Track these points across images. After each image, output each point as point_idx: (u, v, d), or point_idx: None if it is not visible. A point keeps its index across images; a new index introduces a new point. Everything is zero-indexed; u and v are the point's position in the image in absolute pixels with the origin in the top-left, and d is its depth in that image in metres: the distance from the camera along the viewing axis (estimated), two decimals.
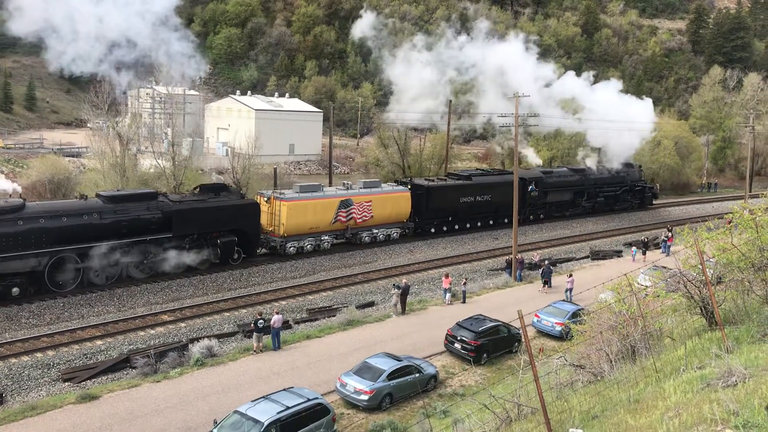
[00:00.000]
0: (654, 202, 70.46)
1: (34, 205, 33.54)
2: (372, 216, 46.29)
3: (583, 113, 63.10)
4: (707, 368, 10.17)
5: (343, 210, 44.47)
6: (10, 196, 35.42)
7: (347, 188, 46.58)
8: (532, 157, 68.90)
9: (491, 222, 54.68)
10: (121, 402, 22.04)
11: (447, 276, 35.71)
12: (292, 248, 42.45)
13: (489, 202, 53.41)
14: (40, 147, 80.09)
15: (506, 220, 53.27)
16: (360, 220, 45.75)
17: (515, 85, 50.97)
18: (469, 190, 52.24)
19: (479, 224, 53.99)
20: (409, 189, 49.37)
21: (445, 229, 51.59)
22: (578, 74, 71.98)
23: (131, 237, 35.04)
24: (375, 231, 47.05)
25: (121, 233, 34.73)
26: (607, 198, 63.89)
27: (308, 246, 43.21)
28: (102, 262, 34.13)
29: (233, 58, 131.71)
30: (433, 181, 52.43)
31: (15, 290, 31.62)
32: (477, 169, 61.96)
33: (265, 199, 42.57)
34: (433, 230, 50.89)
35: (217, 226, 38.47)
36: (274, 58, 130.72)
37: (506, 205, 49.00)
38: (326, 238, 44.27)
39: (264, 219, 42.08)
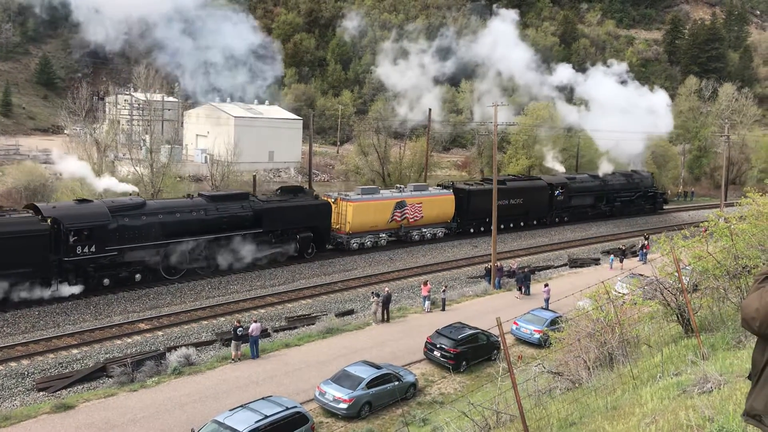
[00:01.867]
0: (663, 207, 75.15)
1: (152, 203, 38.33)
2: (422, 216, 50.94)
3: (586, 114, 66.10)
4: (683, 375, 10.26)
5: (398, 210, 49.14)
6: (130, 195, 40.04)
7: (400, 191, 51.30)
8: (550, 164, 71.89)
9: (522, 223, 59.35)
10: (97, 411, 21.79)
11: (426, 284, 35.76)
12: (355, 244, 46.85)
13: (521, 205, 58.18)
14: (15, 153, 79.06)
15: (535, 222, 60.24)
16: (412, 220, 50.34)
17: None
18: (504, 194, 55.23)
19: (512, 225, 58.25)
20: (452, 192, 53.80)
21: (482, 229, 55.18)
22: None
23: (229, 231, 39.41)
24: (424, 230, 51.83)
25: (221, 228, 39.09)
26: (623, 202, 68.75)
27: (368, 242, 47.77)
28: (206, 254, 38.65)
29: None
30: (472, 185, 56.67)
31: (138, 276, 36.11)
32: (509, 175, 65.80)
33: (332, 200, 46.79)
34: (472, 230, 55.18)
35: (297, 223, 43.15)
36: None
37: (536, 207, 59.05)
38: (383, 235, 49.10)
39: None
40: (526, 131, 73.42)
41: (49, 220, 33.19)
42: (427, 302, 34.87)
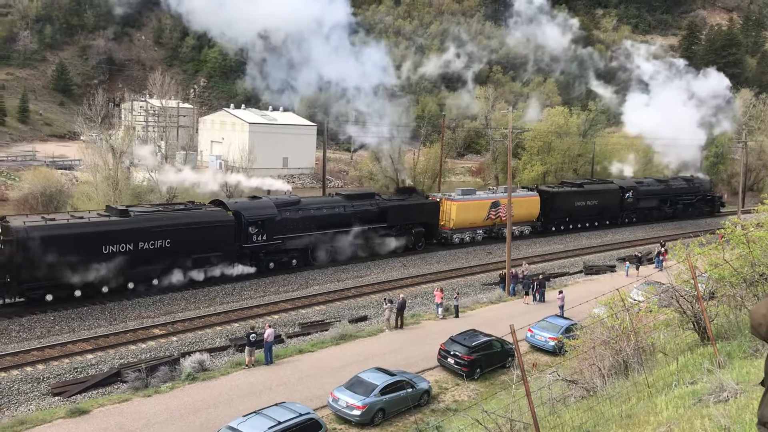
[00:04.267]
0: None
1: (305, 200, 44.62)
2: (513, 215, 51.78)
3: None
4: (699, 383, 10.15)
5: (493, 210, 54.04)
6: (285, 193, 46.75)
7: (494, 192, 56.82)
8: (615, 168, 76.67)
9: (596, 223, 64.03)
10: (111, 416, 21.86)
11: (440, 290, 35.65)
12: (456, 238, 52.11)
13: (596, 206, 62.90)
14: (32, 159, 79.83)
15: (608, 222, 64.94)
16: (505, 218, 52.02)
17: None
18: (582, 196, 61.57)
19: (587, 225, 63.26)
20: (537, 194, 58.33)
21: (562, 228, 60.70)
22: (570, 89, 75.72)
23: (361, 225, 45.10)
24: (513, 227, 53.69)
25: (355, 222, 44.83)
26: (685, 205, 73.10)
27: (467, 237, 52.80)
28: (343, 244, 44.34)
29: (227, 71, 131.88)
30: (554, 187, 61.43)
31: (294, 262, 42.56)
32: (585, 178, 70.18)
33: (437, 199, 51.85)
34: (553, 228, 59.93)
35: (413, 219, 48.91)
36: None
37: (609, 209, 64.20)
38: (480, 231, 54.13)
39: None
40: (541, 137, 73.23)
41: (232, 213, 39.40)
42: (440, 309, 34.77)
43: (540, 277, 40.71)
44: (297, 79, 62.72)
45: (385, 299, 34.46)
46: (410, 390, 23.76)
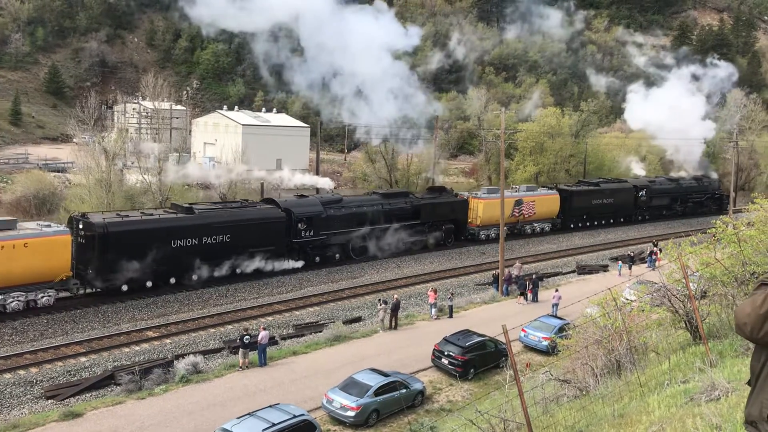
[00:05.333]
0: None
1: (346, 199, 47.56)
2: (535, 213, 58.66)
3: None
4: (691, 382, 10.20)
5: (517, 207, 56.65)
6: (329, 191, 50.68)
7: (516, 191, 58.74)
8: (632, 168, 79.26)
9: (611, 221, 66.71)
10: (105, 419, 21.81)
11: (434, 291, 35.68)
12: (483, 235, 54.72)
13: (611, 204, 65.47)
14: (25, 162, 79.49)
15: (622, 219, 67.61)
16: (527, 216, 58.03)
17: None
18: (599, 194, 64.47)
19: (603, 222, 65.95)
20: (557, 192, 61.06)
21: (580, 225, 63.48)
22: (563, 90, 76.74)
23: (395, 222, 47.86)
24: (535, 224, 59.70)
25: (390, 219, 47.61)
26: (694, 203, 75.53)
27: (492, 234, 54.47)
28: (380, 239, 47.01)
29: (220, 73, 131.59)
30: (572, 187, 64.06)
31: (337, 256, 45.32)
32: (600, 177, 71.71)
33: (465, 198, 54.60)
34: (572, 225, 62.63)
35: (444, 216, 51.68)
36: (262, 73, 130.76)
37: (624, 207, 66.77)
38: (504, 228, 53.78)
39: None
40: (534, 138, 73.37)
41: (283, 211, 42.36)
42: (434, 309, 34.80)
43: (533, 276, 40.78)
44: (299, 71, 64.18)
45: (379, 300, 34.47)
46: (404, 391, 23.78)
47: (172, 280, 37.59)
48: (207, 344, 30.24)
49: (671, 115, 73.60)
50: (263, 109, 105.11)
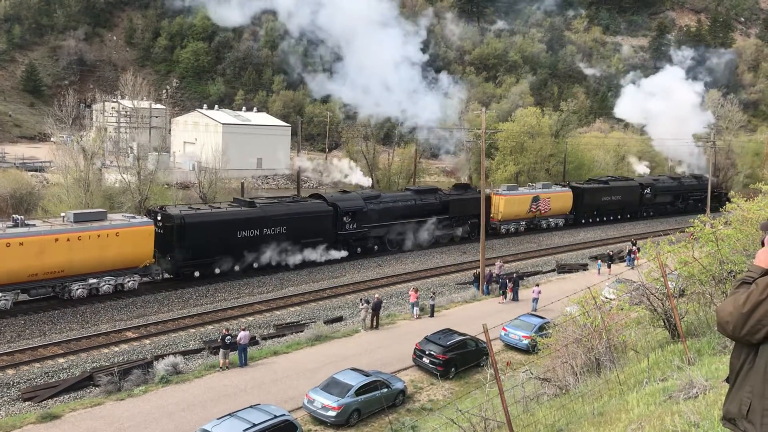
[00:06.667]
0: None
1: (384, 195, 51.27)
2: (550, 209, 62.16)
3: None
4: (669, 380, 10.29)
5: (534, 204, 60.26)
6: (367, 188, 55.49)
7: (533, 188, 61.84)
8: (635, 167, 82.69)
9: (619, 216, 70.20)
10: (83, 421, 21.60)
11: (415, 290, 35.71)
12: (503, 229, 58.47)
13: (619, 201, 69.22)
14: (1, 161, 78.56)
15: (629, 216, 70.93)
16: (543, 211, 61.50)
17: None
18: (607, 191, 67.98)
19: (611, 218, 69.55)
20: (570, 189, 64.44)
21: (590, 220, 67.21)
22: (542, 90, 76.96)
23: (426, 217, 51.55)
24: (550, 220, 63.32)
25: (422, 214, 51.38)
26: (695, 201, 77.85)
27: (512, 228, 59.09)
28: (412, 233, 50.64)
29: (200, 72, 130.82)
30: (582, 184, 67.66)
31: (375, 247, 48.92)
32: (609, 176, 75.11)
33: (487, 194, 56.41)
34: (583, 221, 66.34)
35: (470, 211, 53.91)
36: (242, 72, 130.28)
37: (630, 204, 70.36)
38: (522, 223, 60.59)
39: None
40: (514, 137, 73.66)
41: (329, 205, 45.70)
42: (415, 308, 34.84)
43: (514, 275, 40.95)
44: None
45: (360, 299, 34.45)
46: (386, 390, 23.78)
47: (237, 268, 40.59)
48: (187, 345, 30.05)
49: (666, 106, 75.60)
50: (243, 108, 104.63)
